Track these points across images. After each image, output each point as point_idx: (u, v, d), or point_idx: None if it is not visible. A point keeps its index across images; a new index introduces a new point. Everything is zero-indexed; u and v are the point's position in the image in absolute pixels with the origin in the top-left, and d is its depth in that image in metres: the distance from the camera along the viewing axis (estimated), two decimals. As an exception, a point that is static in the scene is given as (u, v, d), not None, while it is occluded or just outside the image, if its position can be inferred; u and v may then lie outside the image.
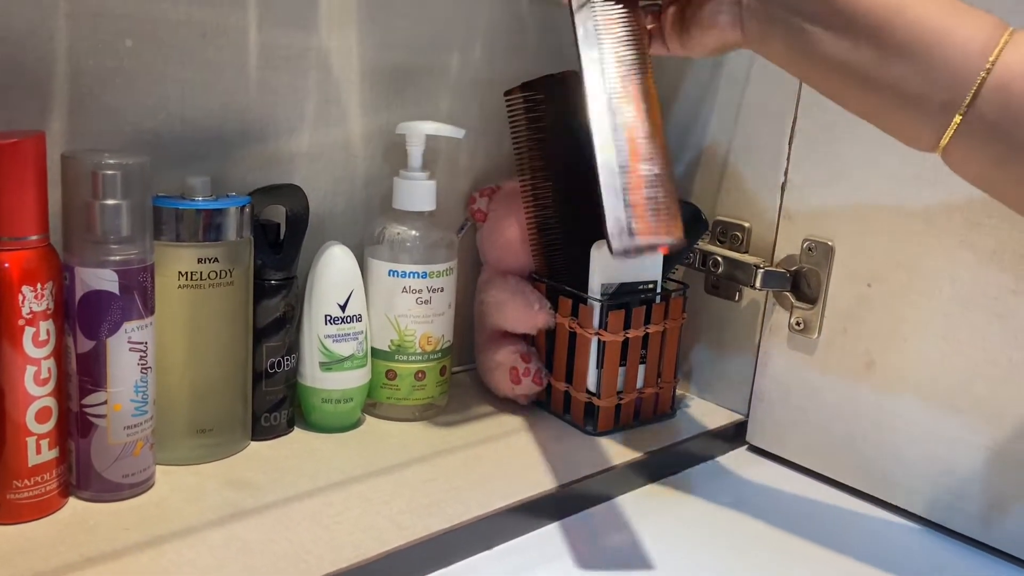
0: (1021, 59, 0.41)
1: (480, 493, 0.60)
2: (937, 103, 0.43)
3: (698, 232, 0.75)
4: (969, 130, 0.43)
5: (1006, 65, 0.41)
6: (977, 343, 0.61)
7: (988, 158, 0.43)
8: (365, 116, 0.72)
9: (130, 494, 0.56)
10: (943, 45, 0.43)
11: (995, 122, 0.42)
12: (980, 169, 0.45)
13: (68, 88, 0.57)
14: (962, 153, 0.44)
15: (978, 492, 0.62)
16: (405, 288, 0.69)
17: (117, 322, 0.53)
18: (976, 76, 0.42)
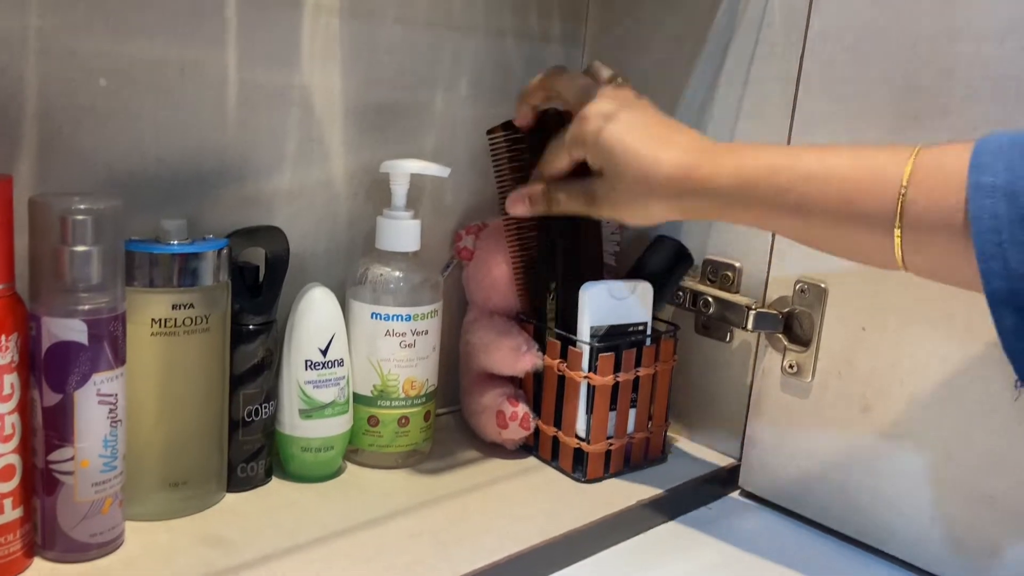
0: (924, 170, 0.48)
1: (467, 549, 0.58)
2: (878, 239, 0.50)
3: (683, 268, 0.74)
4: (910, 245, 0.49)
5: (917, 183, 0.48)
6: (976, 389, 0.60)
7: (935, 261, 0.49)
8: (348, 154, 0.71)
9: (98, 554, 0.53)
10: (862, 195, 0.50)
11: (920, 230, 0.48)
12: (933, 268, 0.50)
13: (38, 129, 0.55)
14: (914, 261, 0.50)
15: (975, 542, 0.60)
16: (388, 331, 0.67)
17: (86, 374, 0.51)
18: (895, 201, 0.48)
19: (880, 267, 0.52)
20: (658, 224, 0.62)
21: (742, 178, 0.54)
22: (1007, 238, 0.45)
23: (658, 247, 0.73)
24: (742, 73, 0.73)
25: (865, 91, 0.64)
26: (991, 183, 0.45)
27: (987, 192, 0.45)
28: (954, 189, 0.46)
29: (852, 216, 0.50)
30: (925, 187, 0.48)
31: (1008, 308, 0.46)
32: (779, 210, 0.53)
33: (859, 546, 0.67)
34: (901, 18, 0.62)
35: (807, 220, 0.53)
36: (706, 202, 0.56)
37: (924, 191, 0.48)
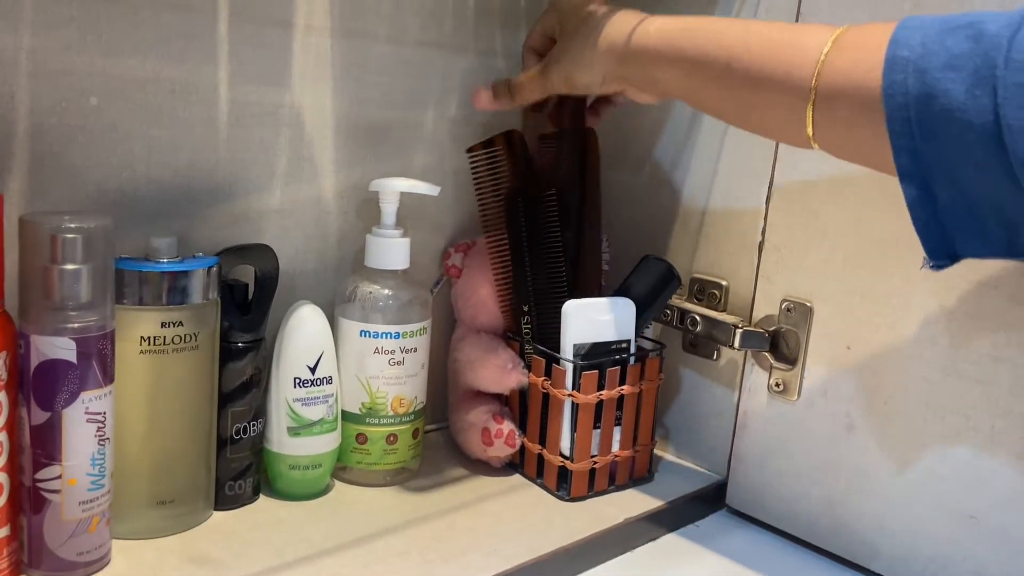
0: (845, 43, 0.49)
1: (454, 567, 0.58)
2: (793, 103, 0.50)
3: (671, 289, 0.74)
4: (822, 114, 0.49)
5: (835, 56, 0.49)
6: (959, 409, 0.60)
7: (842, 135, 0.50)
8: (338, 173, 0.71)
9: (85, 572, 0.53)
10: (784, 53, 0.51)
11: (833, 102, 0.49)
12: (842, 142, 0.51)
13: (29, 147, 0.55)
14: (825, 135, 0.50)
15: (961, 561, 0.61)
16: (377, 349, 0.67)
17: (74, 392, 0.51)
18: (813, 67, 0.49)
19: (793, 143, 0.53)
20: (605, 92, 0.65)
21: (671, 34, 0.57)
22: (914, 115, 0.45)
23: (646, 267, 0.74)
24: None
25: (849, 114, 0.65)
26: (905, 57, 0.45)
27: (900, 67, 0.45)
28: (872, 63, 0.47)
29: (770, 79, 0.51)
30: (844, 57, 0.48)
31: (913, 181, 0.47)
32: (705, 69, 0.55)
33: (845, 564, 0.67)
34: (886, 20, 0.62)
35: (728, 82, 0.53)
36: (639, 65, 0.59)
37: (843, 61, 0.48)
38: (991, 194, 0.45)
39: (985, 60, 0.43)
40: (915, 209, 0.47)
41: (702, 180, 0.76)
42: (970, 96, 0.43)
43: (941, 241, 0.48)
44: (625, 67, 0.60)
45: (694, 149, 0.77)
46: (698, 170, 0.76)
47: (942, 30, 0.45)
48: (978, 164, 0.44)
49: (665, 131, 0.79)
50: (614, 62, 0.60)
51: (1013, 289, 0.58)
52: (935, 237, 0.48)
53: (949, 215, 0.47)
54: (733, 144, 0.74)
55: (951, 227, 0.47)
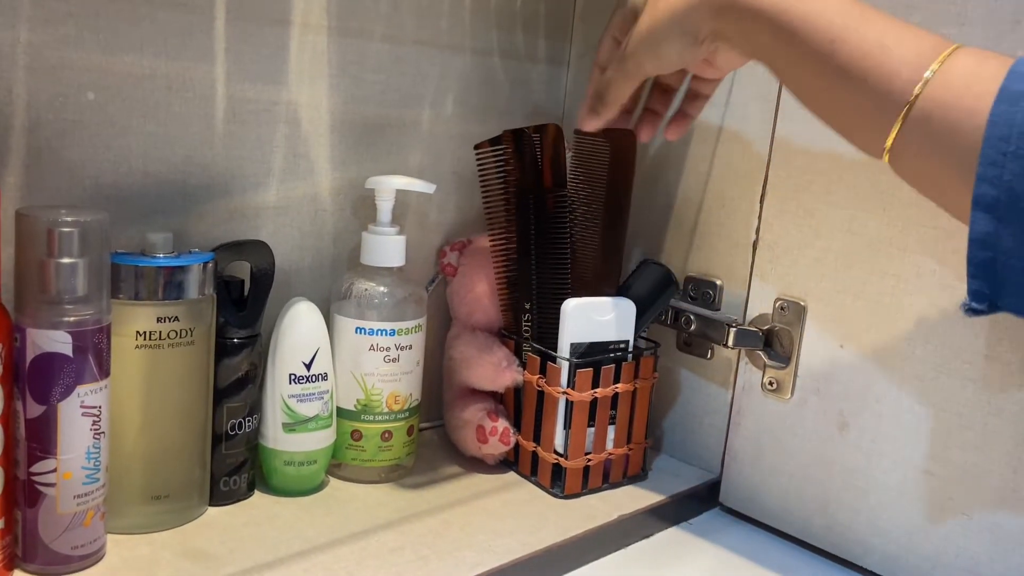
0: (958, 66, 0.45)
1: (448, 563, 0.58)
2: (884, 109, 0.47)
3: (669, 294, 0.74)
4: (910, 130, 0.46)
5: (944, 74, 0.45)
6: (951, 407, 0.61)
7: (922, 159, 0.47)
8: (334, 170, 0.71)
9: (79, 567, 0.53)
10: (891, 51, 0.47)
11: (930, 124, 0.46)
12: (917, 163, 0.48)
13: (25, 141, 0.55)
14: (903, 152, 0.47)
15: (953, 559, 0.61)
16: (372, 346, 0.67)
17: (70, 386, 0.51)
18: (918, 77, 0.46)
19: (863, 147, 0.50)
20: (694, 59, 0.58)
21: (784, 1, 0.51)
22: (1014, 149, 0.42)
23: (644, 272, 0.74)
24: (723, 94, 0.74)
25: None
26: (1021, 92, 0.43)
27: (1013, 99, 0.43)
28: (983, 92, 0.44)
29: (870, 76, 0.47)
30: (955, 77, 0.45)
31: (988, 215, 0.44)
32: (804, 42, 0.50)
33: (838, 562, 0.67)
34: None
35: (824, 63, 0.49)
36: (736, 18, 0.53)
37: (951, 80, 0.45)
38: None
39: None
40: (977, 246, 0.44)
41: (696, 179, 0.77)
42: None
43: (989, 286, 0.45)
44: (721, 20, 0.54)
45: (688, 148, 0.77)
46: (692, 169, 0.77)
47: None
48: None
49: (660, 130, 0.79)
50: (709, 15, 0.54)
51: (1005, 288, 0.58)
52: (985, 279, 0.45)
53: (1009, 262, 0.44)
54: (727, 143, 0.74)
55: (1005, 276, 0.44)
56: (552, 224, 0.71)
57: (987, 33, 0.58)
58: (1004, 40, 0.57)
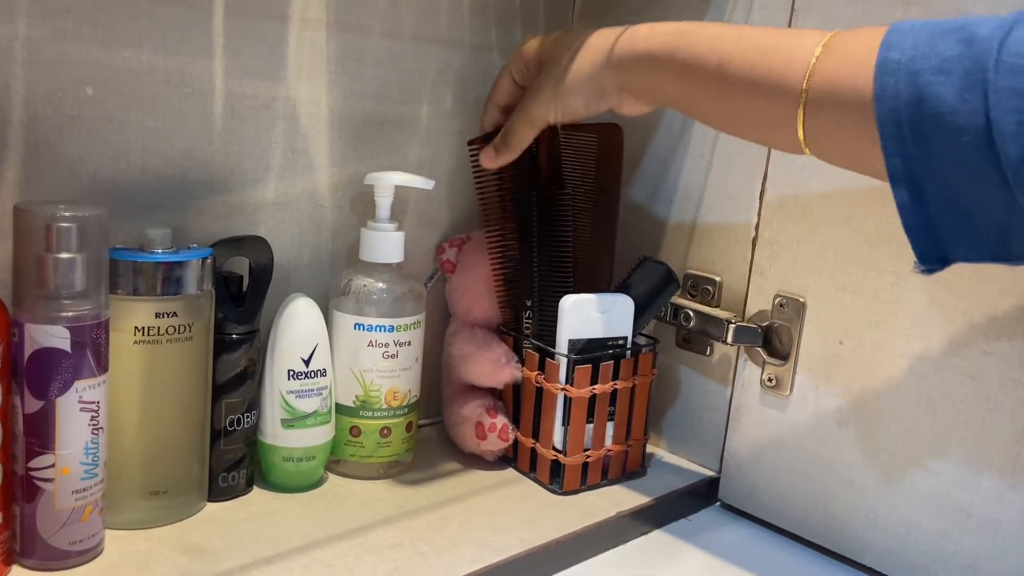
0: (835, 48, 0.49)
1: (446, 559, 0.58)
2: (784, 108, 0.50)
3: (669, 292, 0.74)
4: (813, 119, 0.49)
5: (825, 58, 0.49)
6: (950, 404, 0.61)
7: (832, 139, 0.50)
8: (333, 166, 0.71)
9: (77, 562, 0.53)
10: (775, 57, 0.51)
11: (822, 105, 0.49)
12: (832, 147, 0.51)
13: (24, 136, 0.55)
14: (816, 140, 0.50)
15: (952, 555, 0.61)
16: (371, 342, 0.67)
17: (68, 381, 0.51)
18: (804, 71, 0.49)
19: (785, 148, 0.53)
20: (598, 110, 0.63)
21: (662, 37, 0.56)
22: (906, 118, 0.45)
23: (645, 270, 0.74)
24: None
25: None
26: (896, 60, 0.45)
27: (892, 70, 0.45)
28: (863, 65, 0.46)
29: (761, 84, 0.51)
30: (834, 61, 0.48)
31: (904, 185, 0.46)
32: (697, 72, 0.54)
33: (837, 558, 0.67)
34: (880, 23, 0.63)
35: (720, 86, 0.53)
36: (640, 66, 0.58)
37: (833, 64, 0.48)
38: (982, 198, 0.45)
39: (975, 63, 0.43)
40: (906, 213, 0.47)
41: (696, 176, 0.76)
42: (961, 99, 0.43)
43: (932, 245, 0.48)
44: (621, 74, 0.59)
45: (688, 145, 0.77)
46: (692, 166, 0.77)
47: (933, 34, 0.45)
48: (969, 168, 0.44)
49: (659, 127, 0.79)
50: (609, 72, 0.59)
51: (1004, 284, 0.58)
52: (926, 241, 0.47)
53: (940, 219, 0.47)
54: (727, 140, 0.74)
55: (942, 231, 0.47)
56: (554, 220, 0.71)
57: (987, 29, 0.57)
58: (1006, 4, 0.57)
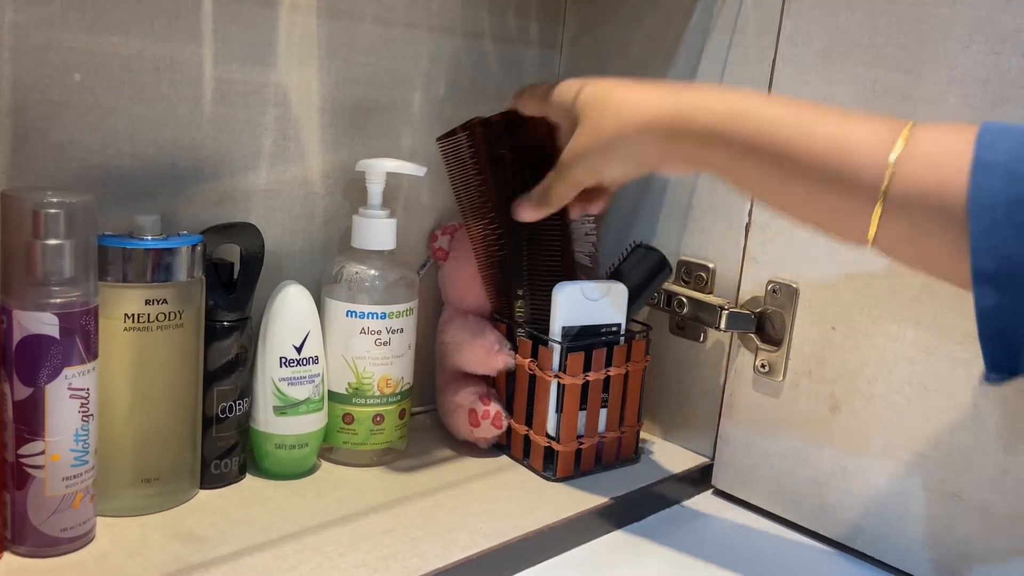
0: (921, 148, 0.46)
1: (439, 544, 0.58)
2: (857, 205, 0.48)
3: (662, 278, 0.74)
4: (891, 219, 0.47)
5: (910, 156, 0.46)
6: (941, 389, 0.61)
7: (911, 242, 0.47)
8: (325, 153, 0.71)
9: (68, 549, 0.53)
10: (848, 151, 0.48)
11: (908, 208, 0.46)
12: (908, 247, 0.48)
13: (11, 123, 0.55)
14: (890, 239, 0.48)
15: (944, 539, 0.61)
16: (363, 329, 0.67)
17: (57, 368, 0.50)
18: (883, 169, 0.46)
19: (846, 241, 0.50)
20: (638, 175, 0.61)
21: (719, 115, 0.52)
22: (1001, 217, 0.43)
23: (638, 256, 0.73)
24: (716, 76, 0.73)
25: (835, 94, 0.65)
26: (994, 161, 0.44)
27: (988, 169, 0.44)
28: (955, 168, 0.44)
29: (833, 180, 0.48)
30: (921, 160, 0.46)
31: (991, 287, 0.44)
32: (758, 159, 0.51)
33: (829, 543, 0.68)
34: (870, 21, 0.63)
35: (783, 176, 0.50)
36: (691, 140, 0.53)
37: (919, 165, 0.46)
38: None
39: None
40: (986, 318, 0.45)
41: (689, 162, 0.76)
42: None
43: (1005, 355, 0.45)
44: (669, 147, 0.55)
45: (681, 131, 0.76)
46: (685, 152, 0.76)
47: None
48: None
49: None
50: (656, 143, 0.55)
51: (996, 268, 0.58)
52: (1001, 350, 0.45)
53: (1018, 329, 0.44)
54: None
55: (1017, 342, 0.45)
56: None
57: (979, 12, 0.57)
58: (999, 17, 0.57)
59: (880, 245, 0.49)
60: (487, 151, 0.69)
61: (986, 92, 0.57)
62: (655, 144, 0.55)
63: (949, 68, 0.59)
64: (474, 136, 0.69)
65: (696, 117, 0.53)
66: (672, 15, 0.77)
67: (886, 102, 0.62)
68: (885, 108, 0.62)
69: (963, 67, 0.58)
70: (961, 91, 0.59)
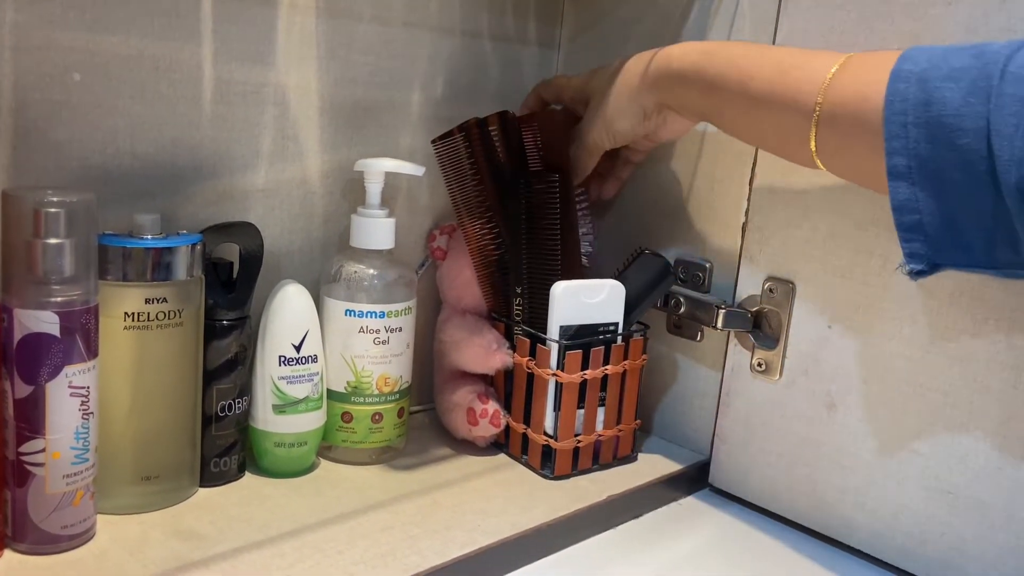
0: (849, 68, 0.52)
1: (437, 542, 0.58)
2: (798, 122, 0.54)
3: (666, 284, 0.74)
4: (825, 131, 0.52)
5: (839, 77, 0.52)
6: (937, 386, 0.61)
7: (842, 152, 0.53)
8: (323, 152, 0.71)
9: (69, 546, 0.53)
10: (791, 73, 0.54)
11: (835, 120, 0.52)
12: (841, 158, 0.54)
13: (12, 122, 0.55)
14: (827, 152, 0.53)
15: (939, 536, 0.62)
16: (362, 328, 0.68)
17: (57, 366, 0.51)
18: (819, 86, 0.52)
19: (799, 161, 0.56)
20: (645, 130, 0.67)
21: (691, 56, 0.61)
22: (912, 119, 0.47)
23: (642, 263, 0.73)
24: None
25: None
26: (909, 70, 0.48)
27: (904, 78, 0.48)
28: (877, 79, 0.49)
29: (779, 99, 0.55)
30: (850, 76, 0.51)
31: (904, 182, 0.48)
32: (722, 89, 0.59)
33: (826, 540, 0.68)
34: (865, 21, 0.63)
35: (742, 101, 0.57)
36: (674, 80, 0.62)
37: (848, 79, 0.51)
38: (973, 202, 0.47)
39: (983, 72, 0.45)
40: (902, 212, 0.49)
41: (686, 161, 0.77)
42: (965, 103, 0.46)
43: (923, 247, 0.49)
44: (658, 93, 0.64)
45: (679, 131, 0.77)
46: (682, 152, 0.77)
47: (947, 51, 0.48)
48: (966, 169, 0.46)
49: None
50: (647, 92, 0.64)
51: (991, 267, 0.58)
52: (918, 243, 0.49)
53: (933, 222, 0.48)
54: (717, 126, 0.74)
55: (934, 234, 0.48)
56: (543, 206, 0.71)
57: (974, 12, 0.58)
58: (992, 18, 0.57)
59: (822, 160, 0.54)
60: (484, 151, 0.69)
61: (981, 92, 0.58)
62: (648, 93, 0.64)
63: (944, 68, 0.59)
64: (471, 137, 0.70)
65: (676, 61, 0.62)
66: (669, 15, 0.77)
67: (882, 102, 0.62)
68: (881, 108, 0.62)
69: (958, 67, 0.59)
70: (956, 91, 0.59)
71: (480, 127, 0.70)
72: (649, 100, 0.65)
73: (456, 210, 0.72)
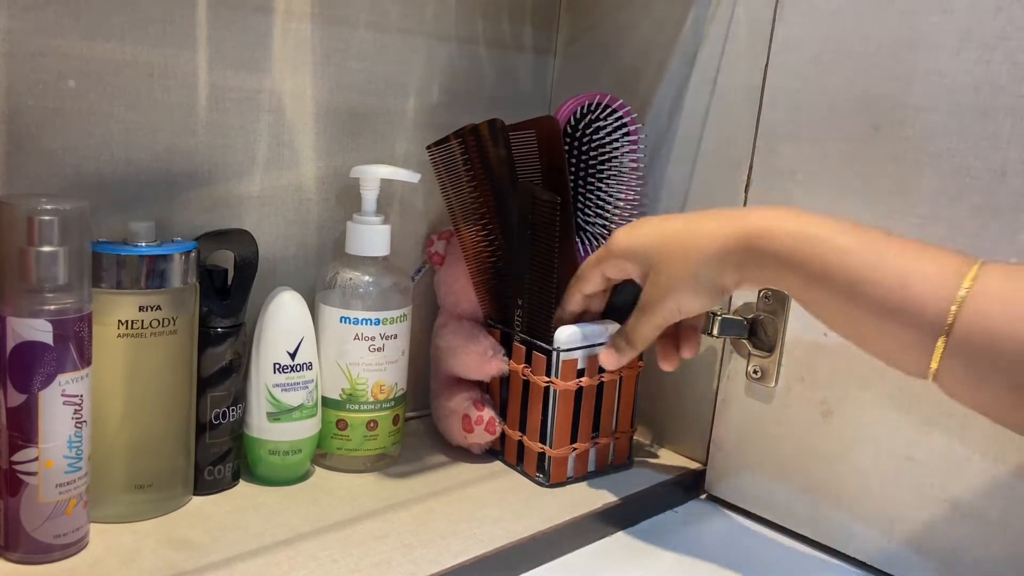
0: (990, 287, 0.46)
1: (432, 551, 0.58)
2: (920, 339, 0.48)
3: None
4: (954, 355, 0.47)
5: (976, 297, 0.46)
6: (932, 394, 0.61)
7: (972, 380, 0.47)
8: (319, 159, 0.71)
9: (62, 555, 0.53)
10: (915, 286, 0.48)
11: (972, 346, 0.46)
12: (968, 387, 0.48)
13: (6, 130, 0.55)
14: (950, 375, 0.48)
15: (935, 544, 0.62)
16: (357, 335, 0.67)
17: (51, 374, 0.50)
18: (948, 304, 0.46)
19: (906, 371, 0.50)
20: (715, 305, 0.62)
21: (790, 240, 0.53)
22: None
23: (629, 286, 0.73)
24: (709, 82, 0.74)
25: (826, 101, 0.65)
26: None
27: None
28: (1018, 314, 0.45)
29: (898, 312, 0.48)
30: (989, 300, 0.46)
31: None
32: (827, 285, 0.51)
33: (822, 549, 0.68)
34: (861, 28, 0.63)
35: (851, 303, 0.50)
36: (766, 264, 0.54)
37: (986, 303, 0.46)
38: None
39: None
40: None
41: (682, 168, 0.77)
42: None
43: None
44: (742, 272, 0.56)
45: (674, 138, 0.77)
46: (677, 158, 0.77)
47: None
48: None
49: (646, 121, 0.79)
50: (728, 273, 0.56)
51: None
52: None
53: None
54: (712, 133, 0.74)
55: None
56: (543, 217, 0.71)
57: (970, 21, 0.58)
58: (986, 27, 0.57)
59: (939, 381, 0.48)
60: (480, 158, 0.69)
61: (976, 99, 0.58)
62: (731, 272, 0.56)
63: (939, 75, 0.59)
64: (466, 143, 0.69)
65: (768, 242, 0.54)
66: (665, 22, 0.77)
67: (878, 109, 0.62)
68: (876, 116, 0.62)
69: (953, 74, 0.59)
70: (951, 98, 0.59)
71: (476, 133, 0.69)
72: (731, 279, 0.57)
73: (452, 216, 0.72)
